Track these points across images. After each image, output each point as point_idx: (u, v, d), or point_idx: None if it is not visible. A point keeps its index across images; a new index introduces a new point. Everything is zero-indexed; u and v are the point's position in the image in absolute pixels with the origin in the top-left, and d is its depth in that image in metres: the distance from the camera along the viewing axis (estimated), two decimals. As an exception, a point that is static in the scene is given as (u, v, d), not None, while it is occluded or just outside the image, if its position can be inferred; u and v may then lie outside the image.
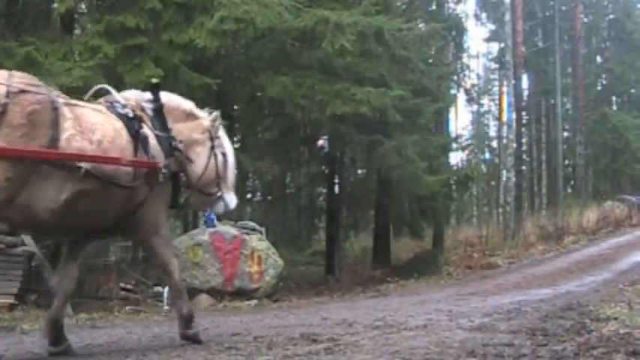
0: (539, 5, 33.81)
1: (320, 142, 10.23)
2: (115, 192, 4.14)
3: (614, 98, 38.27)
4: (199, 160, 4.78)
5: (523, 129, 31.48)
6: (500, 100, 34.68)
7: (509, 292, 9.14)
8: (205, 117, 5.03)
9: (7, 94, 3.71)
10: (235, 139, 16.56)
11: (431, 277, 13.61)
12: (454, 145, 24.83)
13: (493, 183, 35.69)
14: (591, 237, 19.24)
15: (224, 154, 4.97)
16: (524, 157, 32.16)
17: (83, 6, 11.38)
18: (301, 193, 19.69)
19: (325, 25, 11.50)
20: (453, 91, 25.08)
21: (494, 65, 40.47)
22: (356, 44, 11.76)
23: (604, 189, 32.15)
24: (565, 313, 5.68)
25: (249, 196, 18.28)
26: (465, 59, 32.74)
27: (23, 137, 3.68)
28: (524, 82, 33.46)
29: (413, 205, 15.48)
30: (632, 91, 37.16)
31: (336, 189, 16.29)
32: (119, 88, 9.44)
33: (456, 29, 24.87)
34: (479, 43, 46.94)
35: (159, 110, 4.65)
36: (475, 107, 42.88)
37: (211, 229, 10.62)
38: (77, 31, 11.46)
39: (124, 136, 4.27)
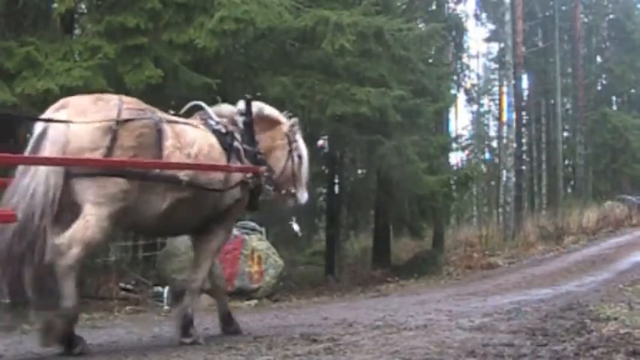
0: (539, 5, 33.82)
1: (320, 142, 10.20)
2: (207, 198, 4.78)
3: (614, 98, 38.29)
4: (278, 164, 5.35)
5: (523, 129, 31.48)
6: (500, 100, 34.70)
7: (509, 292, 9.14)
8: (285, 122, 5.52)
9: (114, 125, 4.35)
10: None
11: (431, 277, 13.62)
12: (454, 145, 24.88)
13: (493, 183, 35.71)
14: (591, 237, 19.24)
15: (300, 157, 5.49)
16: (524, 157, 32.17)
17: (83, 6, 11.37)
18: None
19: (325, 25, 11.49)
20: (453, 91, 25.08)
21: (494, 65, 40.53)
22: (356, 44, 11.75)
23: (604, 189, 32.17)
24: (565, 313, 5.68)
25: (249, 196, 18.28)
26: (465, 59, 32.74)
27: (133, 157, 4.38)
28: (524, 82, 33.53)
29: (413, 205, 15.46)
30: (632, 91, 37.19)
31: (336, 189, 16.29)
32: (119, 87, 9.46)
33: (456, 29, 24.84)
34: (479, 43, 46.86)
35: (249, 124, 5.20)
36: (475, 107, 42.93)
37: (211, 229, 10.61)
38: (77, 31, 11.45)
39: (218, 150, 4.91)
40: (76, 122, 4.26)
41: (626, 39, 35.31)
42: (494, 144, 39.47)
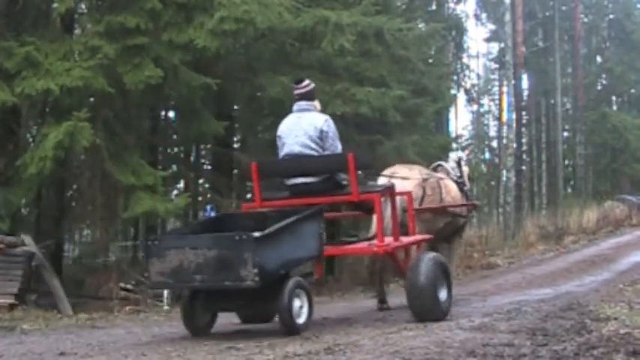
0: (539, 5, 33.84)
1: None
2: (457, 220, 8.53)
3: (614, 98, 38.31)
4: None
5: (523, 129, 31.48)
6: (500, 100, 34.71)
7: (509, 292, 9.14)
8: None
9: (422, 182, 7.74)
10: (235, 139, 16.57)
11: (431, 277, 13.55)
12: (454, 145, 24.83)
13: (493, 183, 35.70)
14: (591, 237, 19.23)
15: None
16: (524, 157, 32.17)
17: (83, 6, 11.37)
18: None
19: (325, 25, 11.49)
20: (453, 91, 25.10)
21: (494, 65, 40.53)
22: (356, 44, 11.76)
23: (604, 189, 32.16)
24: (565, 313, 5.67)
25: (249, 196, 18.27)
26: (465, 59, 32.82)
27: (431, 202, 7.78)
28: (524, 82, 33.51)
29: (413, 205, 15.43)
30: (632, 91, 37.20)
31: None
32: (119, 87, 9.46)
33: (456, 29, 24.88)
34: (479, 43, 46.95)
35: (461, 175, 8.83)
36: (475, 107, 42.93)
37: (211, 229, 10.58)
38: (77, 31, 11.45)
39: (458, 192, 8.47)
40: (407, 180, 7.30)
41: (626, 39, 35.31)
42: (495, 144, 39.51)
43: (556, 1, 33.58)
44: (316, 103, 6.41)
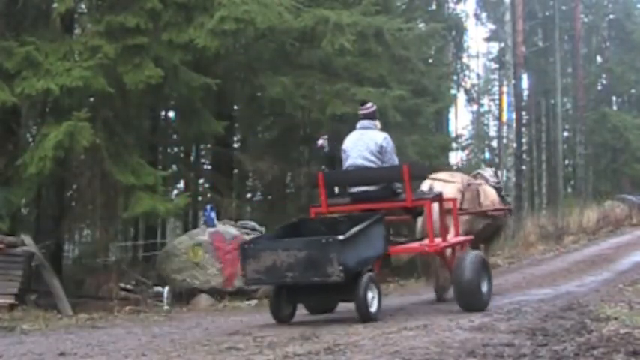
0: (539, 5, 33.81)
1: (320, 142, 10.19)
2: (496, 221, 9.27)
3: (614, 98, 38.28)
4: None
5: (523, 129, 31.46)
6: (500, 100, 34.68)
7: (509, 292, 9.13)
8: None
9: (462, 188, 8.44)
10: (235, 139, 16.56)
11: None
12: (454, 145, 24.83)
13: (493, 183, 35.60)
14: (591, 237, 19.21)
15: None
16: (524, 157, 32.15)
17: (83, 6, 11.37)
18: (301, 193, 19.65)
19: (325, 25, 11.50)
20: (453, 91, 25.08)
21: (494, 65, 40.52)
22: (356, 44, 11.76)
23: (604, 189, 32.10)
24: (565, 313, 5.67)
25: (249, 195, 18.26)
26: (465, 59, 32.81)
27: (470, 207, 8.52)
28: (524, 82, 33.51)
29: (413, 205, 15.42)
30: (632, 91, 37.18)
31: (336, 189, 16.23)
32: (119, 87, 9.46)
33: (456, 29, 24.87)
34: (479, 43, 47.00)
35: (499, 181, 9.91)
36: (475, 107, 42.92)
37: (211, 229, 10.59)
38: (77, 31, 11.45)
39: (497, 198, 9.25)
40: (448, 184, 8.20)
41: (626, 39, 35.30)
42: (495, 144, 39.49)
43: (556, 1, 33.57)
44: (377, 123, 7.28)
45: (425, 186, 8.00)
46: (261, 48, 12.55)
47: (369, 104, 7.39)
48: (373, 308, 5.98)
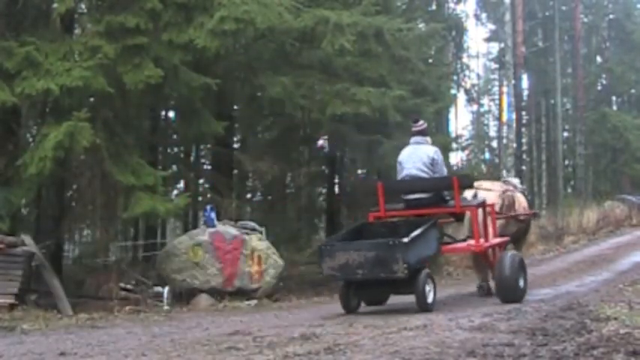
0: (539, 5, 33.82)
1: (320, 142, 10.20)
2: (526, 224, 9.89)
3: (614, 98, 38.27)
4: None
5: (523, 129, 31.46)
6: (500, 100, 34.67)
7: (509, 292, 9.12)
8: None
9: (501, 195, 9.02)
10: (235, 139, 16.56)
11: (431, 277, 13.54)
12: (454, 145, 24.82)
13: (493, 183, 35.58)
14: (591, 237, 19.20)
15: None
16: (524, 157, 32.14)
17: (83, 6, 11.36)
18: (301, 193, 19.66)
19: (325, 25, 11.49)
20: (453, 91, 25.08)
21: (494, 65, 40.50)
22: (356, 44, 11.74)
23: (604, 189, 32.07)
24: (565, 313, 5.67)
25: (249, 196, 18.27)
26: (465, 59, 32.82)
27: (506, 212, 9.02)
28: (524, 82, 33.51)
29: (413, 205, 15.41)
30: (632, 91, 37.16)
31: (336, 189, 16.26)
32: (119, 87, 9.46)
33: (456, 29, 24.88)
34: (479, 43, 46.95)
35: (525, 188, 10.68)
36: (475, 107, 42.91)
37: (211, 229, 10.60)
38: (77, 31, 11.44)
39: (526, 203, 9.86)
40: (490, 192, 8.68)
41: (626, 39, 35.29)
42: (495, 144, 39.46)
43: (556, 1, 33.56)
44: (428, 138, 8.17)
45: (468, 193, 8.61)
46: (261, 48, 12.54)
47: (421, 122, 8.28)
48: (430, 299, 6.86)
